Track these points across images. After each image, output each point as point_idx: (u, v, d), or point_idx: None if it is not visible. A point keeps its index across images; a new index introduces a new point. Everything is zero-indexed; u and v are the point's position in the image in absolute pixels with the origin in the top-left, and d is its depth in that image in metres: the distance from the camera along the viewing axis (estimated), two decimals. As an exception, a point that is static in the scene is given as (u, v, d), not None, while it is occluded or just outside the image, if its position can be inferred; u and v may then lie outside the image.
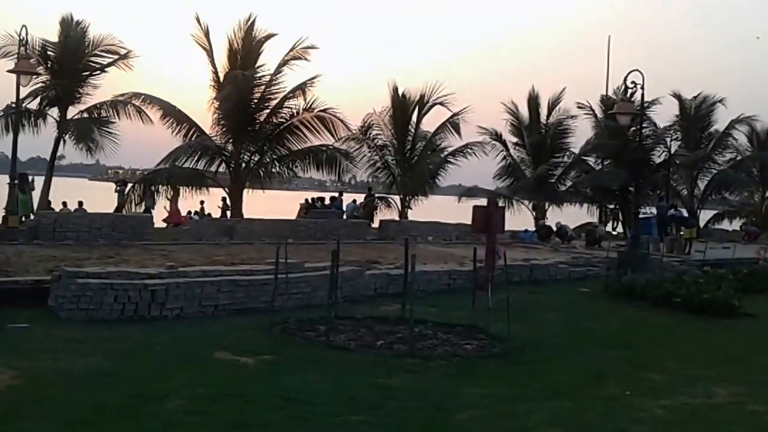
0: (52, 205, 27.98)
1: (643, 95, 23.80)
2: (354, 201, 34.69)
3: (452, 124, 34.95)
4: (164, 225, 27.16)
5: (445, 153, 35.90)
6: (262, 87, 28.55)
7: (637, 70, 22.96)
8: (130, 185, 29.14)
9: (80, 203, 29.58)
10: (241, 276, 13.15)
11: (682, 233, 31.15)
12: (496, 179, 42.32)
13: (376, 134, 35.54)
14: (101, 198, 32.15)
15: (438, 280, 16.80)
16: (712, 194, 43.32)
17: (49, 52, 25.47)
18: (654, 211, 34.88)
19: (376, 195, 35.08)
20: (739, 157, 44.02)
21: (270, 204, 43.87)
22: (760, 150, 44.87)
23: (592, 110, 41.64)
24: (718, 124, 43.58)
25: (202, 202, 31.96)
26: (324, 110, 28.97)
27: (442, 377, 8.92)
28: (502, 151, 41.25)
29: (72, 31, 25.66)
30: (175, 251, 18.77)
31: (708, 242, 27.93)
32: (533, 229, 34.01)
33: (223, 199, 31.62)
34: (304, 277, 13.99)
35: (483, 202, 42.64)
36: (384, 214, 35.03)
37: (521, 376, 9.20)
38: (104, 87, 29.44)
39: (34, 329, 10.17)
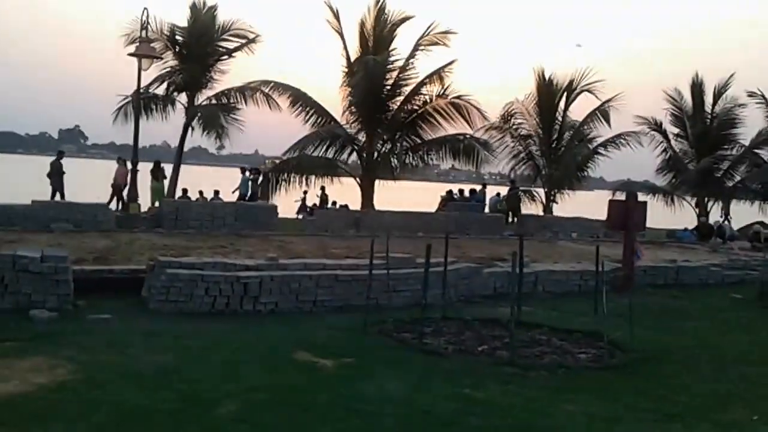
0: (189, 194, 28.75)
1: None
2: (498, 194, 33.72)
3: (602, 112, 33.31)
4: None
5: (595, 144, 34.20)
6: (395, 72, 28.06)
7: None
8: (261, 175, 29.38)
9: (200, 192, 30.14)
10: (344, 271, 12.66)
11: None
12: (658, 173, 40.32)
13: (520, 123, 34.37)
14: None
15: (567, 281, 15.85)
16: None
17: (177, 37, 25.95)
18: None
19: (520, 188, 33.90)
20: None
21: (408, 195, 43.66)
22: None
23: (765, 98, 38.68)
24: None
25: (305, 193, 31.80)
26: (458, 97, 28.20)
27: (538, 390, 8.12)
28: (662, 142, 39.18)
29: (202, 15, 26.03)
30: (294, 242, 18.64)
31: None
32: (692, 227, 32.02)
33: (322, 188, 31.53)
34: (414, 273, 13.36)
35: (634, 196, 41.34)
36: (529, 208, 33.88)
37: (633, 393, 8.27)
38: (233, 72, 29.94)
39: (116, 321, 10.09)
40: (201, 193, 31.18)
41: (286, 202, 29.19)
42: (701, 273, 18.13)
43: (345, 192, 31.39)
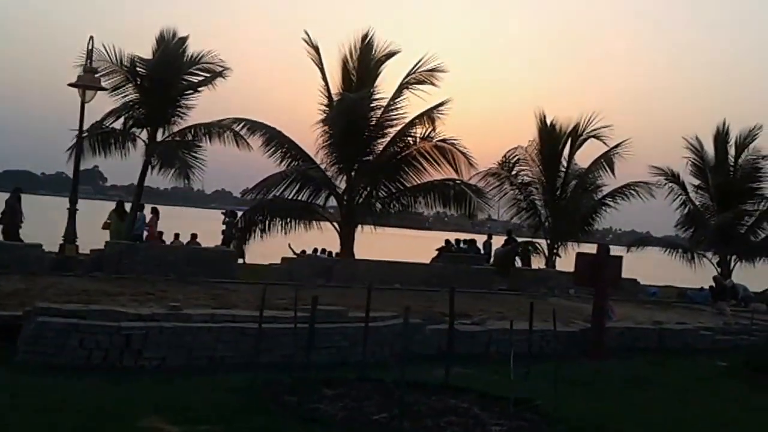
0: (164, 237, 28.07)
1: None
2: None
3: (606, 160, 32.38)
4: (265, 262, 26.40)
5: (602, 194, 33.24)
6: (380, 111, 27.37)
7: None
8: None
9: (176, 235, 29.46)
10: (251, 324, 11.78)
11: None
12: (677, 228, 39.22)
13: (521, 170, 33.49)
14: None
15: (525, 341, 14.78)
16: None
17: (138, 69, 25.46)
18: None
19: (519, 240, 32.95)
20: None
21: (404, 244, 42.85)
22: None
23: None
24: None
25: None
26: (444, 140, 27.37)
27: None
28: (680, 195, 38.06)
29: (170, 46, 25.53)
30: (238, 291, 17.82)
31: None
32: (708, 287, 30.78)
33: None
34: (340, 328, 12.51)
35: (654, 252, 40.31)
36: (535, 262, 32.88)
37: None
38: (204, 108, 29.32)
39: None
40: (177, 236, 30.55)
41: (269, 247, 28.42)
42: (688, 337, 17.12)
43: (329, 239, 30.53)
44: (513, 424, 9.47)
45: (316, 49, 27.15)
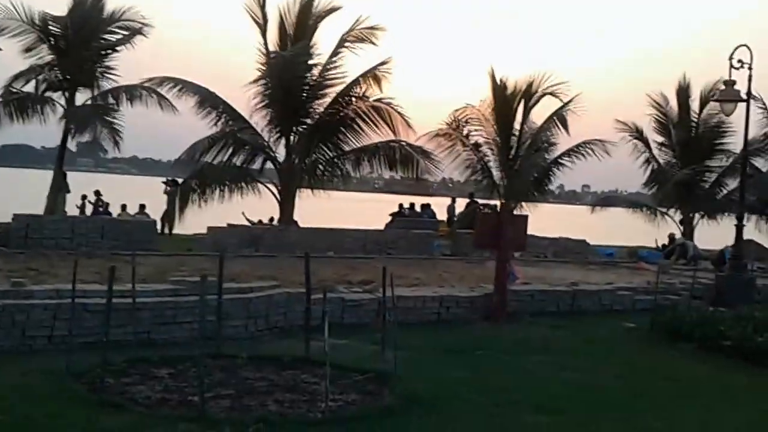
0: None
1: (750, 76, 20.01)
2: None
3: (559, 117, 31.30)
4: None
5: (557, 153, 32.28)
6: (317, 71, 26.31)
7: (744, 45, 19.40)
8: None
9: (123, 207, 28.69)
10: (101, 299, 10.91)
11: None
12: (645, 186, 38.46)
13: (475, 130, 32.48)
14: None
15: (422, 308, 14.00)
16: None
17: (52, 28, 24.26)
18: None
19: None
20: None
21: (367, 210, 41.93)
22: None
23: (765, 104, 36.40)
24: None
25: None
26: (379, 100, 26.32)
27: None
28: (644, 152, 37.22)
29: (84, 3, 24.26)
30: (142, 264, 16.94)
31: None
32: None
33: (96, 192, 30.23)
34: (205, 300, 11.64)
35: (620, 212, 39.64)
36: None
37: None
38: (133, 69, 28.25)
39: None
40: (123, 207, 29.74)
41: (208, 216, 27.52)
42: (604, 298, 16.31)
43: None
44: (350, 398, 8.76)
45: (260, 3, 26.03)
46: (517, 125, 32.29)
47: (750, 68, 19.86)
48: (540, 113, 32.90)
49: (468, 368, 10.59)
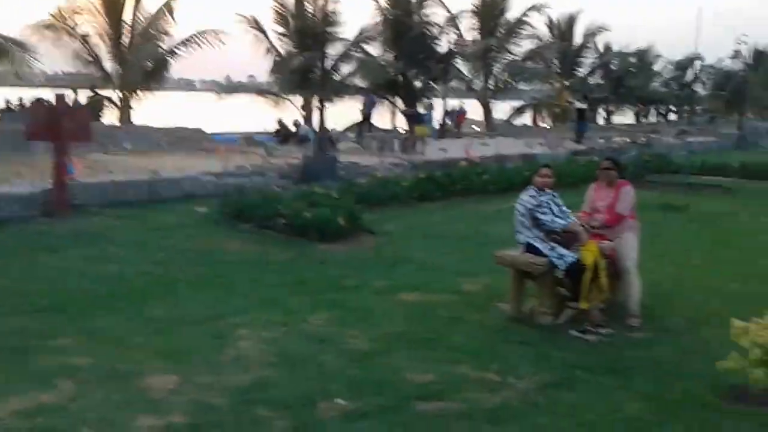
0: None
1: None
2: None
3: (167, 7, 30.51)
4: None
5: (174, 42, 31.58)
6: None
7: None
8: None
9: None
10: None
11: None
12: (271, 75, 38.98)
13: (87, 22, 30.75)
14: None
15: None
16: (506, 85, 41.50)
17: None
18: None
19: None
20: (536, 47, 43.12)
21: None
22: (561, 40, 44.98)
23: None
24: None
25: None
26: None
27: None
28: (264, 42, 37.66)
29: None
30: None
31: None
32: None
33: None
34: None
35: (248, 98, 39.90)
36: (111, 116, 30.74)
37: None
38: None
39: None
40: None
41: None
42: (186, 185, 15.81)
43: None
44: None
45: None
46: (129, 16, 31.25)
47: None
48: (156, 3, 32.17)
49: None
